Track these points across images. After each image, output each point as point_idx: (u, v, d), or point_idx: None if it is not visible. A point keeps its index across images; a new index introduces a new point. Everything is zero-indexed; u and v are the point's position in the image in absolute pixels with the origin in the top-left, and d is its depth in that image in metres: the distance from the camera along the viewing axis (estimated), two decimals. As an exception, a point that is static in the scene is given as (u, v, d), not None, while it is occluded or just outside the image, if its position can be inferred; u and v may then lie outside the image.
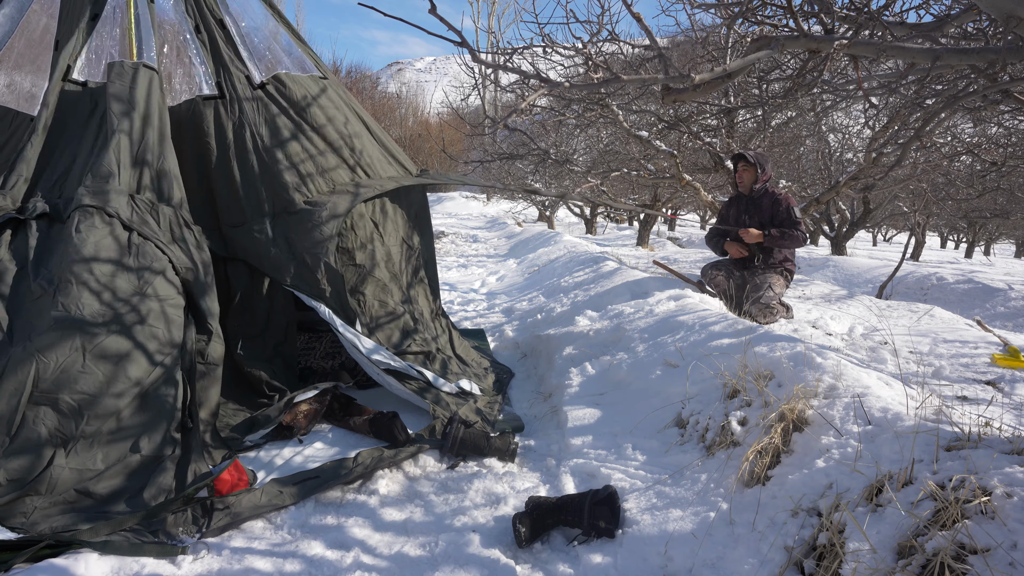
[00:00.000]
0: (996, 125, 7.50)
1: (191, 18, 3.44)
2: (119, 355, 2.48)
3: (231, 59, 3.45)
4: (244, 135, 3.38)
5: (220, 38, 3.46)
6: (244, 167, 3.36)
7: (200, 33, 3.43)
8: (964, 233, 18.86)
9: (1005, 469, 1.70)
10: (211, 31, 3.45)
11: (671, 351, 3.49)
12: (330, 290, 3.27)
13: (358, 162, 3.68)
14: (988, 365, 3.64)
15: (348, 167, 3.64)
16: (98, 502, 2.34)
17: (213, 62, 3.43)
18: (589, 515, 2.33)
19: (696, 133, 7.26)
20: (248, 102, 3.43)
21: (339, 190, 3.49)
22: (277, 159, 3.39)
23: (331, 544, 2.34)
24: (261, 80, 3.49)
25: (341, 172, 3.59)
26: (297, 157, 3.45)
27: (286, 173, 3.40)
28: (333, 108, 3.68)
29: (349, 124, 3.72)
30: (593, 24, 4.33)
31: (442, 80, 72.92)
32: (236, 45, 3.48)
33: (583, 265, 7.05)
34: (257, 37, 3.62)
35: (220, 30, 3.47)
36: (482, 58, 2.07)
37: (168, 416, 2.56)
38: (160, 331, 2.61)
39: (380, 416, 3.12)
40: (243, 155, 3.37)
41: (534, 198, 17.27)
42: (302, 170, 3.45)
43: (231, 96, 3.40)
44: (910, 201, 11.23)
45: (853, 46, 2.08)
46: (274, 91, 3.51)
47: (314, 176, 3.47)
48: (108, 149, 2.78)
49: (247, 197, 3.35)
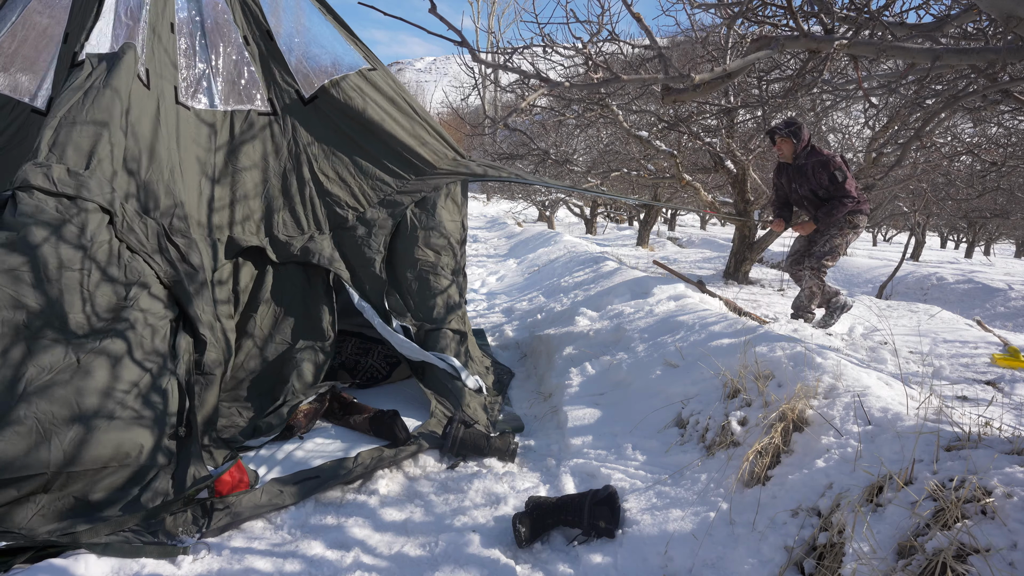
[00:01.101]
0: (996, 125, 7.50)
1: (239, 28, 3.47)
2: (110, 361, 2.48)
3: (280, 73, 3.52)
4: (297, 152, 3.51)
5: (267, 51, 3.51)
6: (301, 185, 3.51)
7: (249, 45, 3.48)
8: (964, 233, 18.86)
9: (1005, 469, 1.70)
10: (259, 44, 3.50)
11: (671, 351, 3.49)
12: (371, 294, 3.51)
13: (412, 153, 3.72)
14: (988, 365, 3.64)
15: (403, 163, 3.70)
16: (94, 507, 2.33)
17: (263, 77, 3.50)
18: (589, 515, 2.33)
19: (696, 133, 7.26)
20: (299, 120, 3.53)
21: (387, 200, 3.65)
22: (329, 175, 3.55)
23: (331, 544, 2.34)
24: (310, 94, 3.55)
25: (391, 174, 3.68)
26: (348, 170, 3.59)
27: (339, 190, 3.57)
28: (384, 100, 3.70)
29: (399, 114, 3.74)
30: (593, 24, 4.33)
31: (442, 80, 72.92)
32: (284, 57, 3.53)
33: (583, 265, 7.05)
34: (303, 43, 3.63)
35: (268, 42, 3.51)
36: (482, 58, 2.07)
37: (160, 425, 2.53)
38: (146, 341, 2.59)
39: (380, 415, 3.12)
40: (299, 173, 3.51)
41: (535, 198, 17.27)
42: (353, 185, 3.60)
43: (283, 113, 3.51)
44: (910, 201, 11.23)
45: (853, 46, 2.08)
46: (323, 104, 3.56)
47: (365, 189, 3.62)
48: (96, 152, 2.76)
49: (305, 214, 3.50)
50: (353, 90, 3.59)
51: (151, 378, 2.57)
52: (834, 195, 4.53)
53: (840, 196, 4.49)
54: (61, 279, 2.42)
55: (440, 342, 3.54)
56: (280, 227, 3.44)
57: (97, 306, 2.52)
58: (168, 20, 3.24)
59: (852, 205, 4.47)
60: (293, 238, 3.44)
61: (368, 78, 3.69)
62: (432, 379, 3.50)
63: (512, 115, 3.88)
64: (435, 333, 3.56)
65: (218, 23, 3.43)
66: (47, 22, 3.23)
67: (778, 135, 4.66)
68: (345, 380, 3.80)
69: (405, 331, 3.53)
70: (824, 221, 4.55)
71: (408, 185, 3.69)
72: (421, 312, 3.60)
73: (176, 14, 3.30)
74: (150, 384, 2.56)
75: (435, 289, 3.63)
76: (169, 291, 2.78)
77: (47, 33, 3.22)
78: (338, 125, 3.59)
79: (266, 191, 3.45)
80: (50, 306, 2.38)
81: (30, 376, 2.27)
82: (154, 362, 2.60)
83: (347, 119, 3.59)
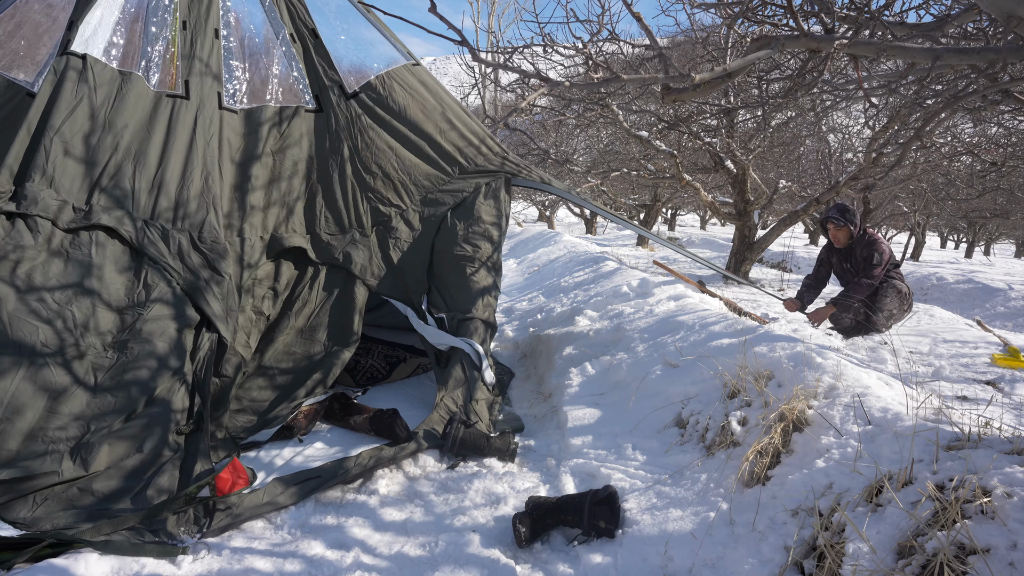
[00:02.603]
0: (996, 125, 7.50)
1: (286, 26, 3.47)
2: (119, 371, 2.57)
3: (324, 70, 3.51)
4: (341, 149, 3.50)
5: (314, 48, 3.51)
6: (343, 182, 3.50)
7: (295, 43, 3.49)
8: (964, 233, 18.86)
9: (1005, 469, 1.70)
10: (304, 41, 3.50)
11: (671, 351, 3.49)
12: (414, 296, 3.58)
13: (456, 148, 3.72)
14: (988, 365, 3.64)
15: (445, 161, 3.70)
16: (99, 499, 2.35)
17: (308, 74, 3.50)
18: (589, 515, 2.33)
19: (696, 133, 7.27)
20: (344, 116, 3.52)
21: (429, 198, 3.65)
22: (373, 172, 3.54)
23: (331, 544, 2.34)
24: (354, 90, 3.55)
25: (434, 171, 3.67)
26: (391, 167, 3.58)
27: (382, 187, 3.56)
28: (426, 95, 3.70)
29: (440, 111, 3.74)
30: (593, 24, 4.32)
31: (442, 80, 72.70)
32: (329, 55, 3.53)
33: (583, 265, 7.05)
34: (347, 40, 3.64)
35: (314, 39, 3.51)
36: (482, 58, 2.07)
37: (167, 422, 2.57)
38: (162, 345, 2.67)
39: (380, 414, 3.12)
40: (342, 170, 3.50)
41: (535, 198, 17.26)
42: (396, 182, 3.59)
43: (327, 109, 3.50)
44: (910, 201, 11.23)
45: (853, 46, 2.08)
46: (367, 99, 3.56)
47: (408, 186, 3.62)
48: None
49: (347, 211, 3.50)
50: (397, 85, 3.61)
51: (162, 381, 2.62)
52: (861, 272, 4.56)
53: (863, 275, 4.50)
54: (72, 302, 2.57)
55: (471, 331, 3.57)
56: (322, 225, 3.44)
57: (107, 322, 2.64)
58: (212, 26, 3.26)
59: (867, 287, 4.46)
60: (335, 236, 3.44)
61: (413, 72, 3.70)
62: (453, 369, 3.47)
63: (512, 115, 3.89)
64: (466, 323, 3.58)
65: (265, 22, 3.46)
66: (40, 18, 3.20)
67: (833, 223, 4.64)
68: (345, 380, 3.80)
69: (439, 322, 3.57)
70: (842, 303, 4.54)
71: (451, 182, 3.69)
72: (456, 302, 3.62)
73: (221, 18, 3.32)
74: (166, 385, 2.64)
75: (471, 280, 3.65)
76: (189, 297, 2.84)
77: (51, 15, 3.18)
78: (383, 119, 3.59)
79: (308, 188, 3.46)
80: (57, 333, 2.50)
81: None
82: (167, 367, 2.66)
83: (390, 115, 3.59)
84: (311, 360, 3.29)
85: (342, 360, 3.30)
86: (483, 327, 3.61)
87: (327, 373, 3.22)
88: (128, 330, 2.65)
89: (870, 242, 4.59)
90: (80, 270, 2.64)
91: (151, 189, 2.94)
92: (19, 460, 2.28)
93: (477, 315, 3.60)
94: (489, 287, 3.71)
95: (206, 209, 3.03)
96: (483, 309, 3.64)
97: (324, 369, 3.23)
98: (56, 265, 2.61)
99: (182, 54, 3.16)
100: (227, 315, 2.92)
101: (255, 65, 3.42)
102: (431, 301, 3.60)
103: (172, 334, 2.72)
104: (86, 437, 2.40)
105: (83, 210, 2.74)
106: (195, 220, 2.99)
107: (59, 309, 2.53)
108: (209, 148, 3.12)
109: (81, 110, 2.85)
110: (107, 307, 2.65)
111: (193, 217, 2.99)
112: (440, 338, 3.50)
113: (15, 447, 2.28)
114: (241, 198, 3.21)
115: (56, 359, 2.46)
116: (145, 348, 2.63)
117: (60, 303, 2.54)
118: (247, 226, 3.20)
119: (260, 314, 3.19)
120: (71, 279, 2.62)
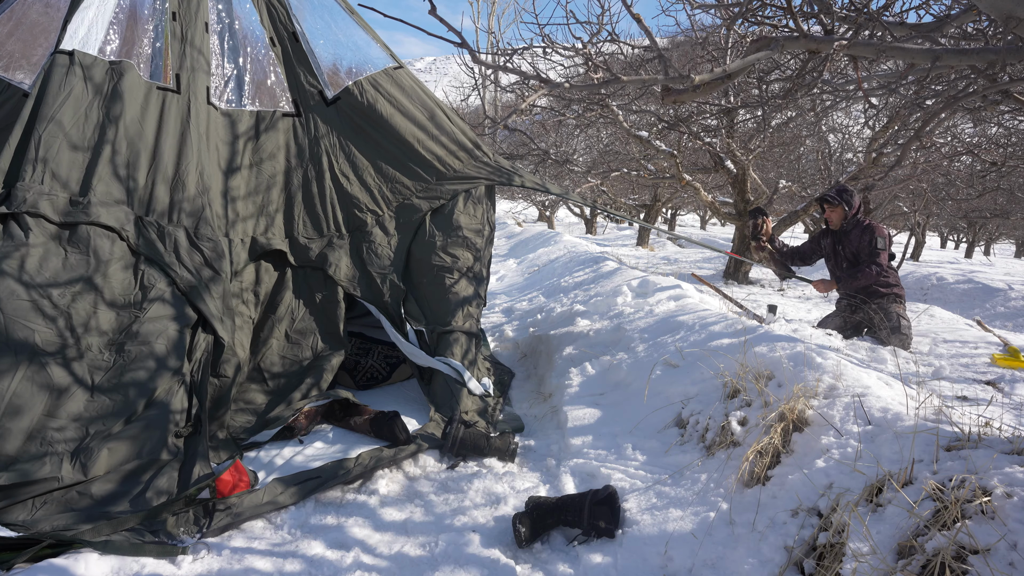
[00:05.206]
0: (996, 125, 7.50)
1: (266, 30, 3.47)
2: (118, 374, 2.57)
3: (304, 75, 3.51)
4: (319, 154, 3.50)
5: (293, 52, 3.50)
6: (321, 186, 3.50)
7: (275, 47, 3.48)
8: (964, 233, 18.86)
9: (1005, 469, 1.70)
10: (285, 45, 3.50)
11: (671, 351, 3.49)
12: (391, 303, 3.53)
13: (434, 155, 3.70)
14: (988, 365, 3.65)
15: (423, 168, 3.68)
16: (98, 502, 2.35)
17: (288, 78, 3.50)
18: (589, 515, 2.33)
19: (696, 133, 7.27)
20: (322, 121, 3.52)
21: (405, 204, 3.64)
22: (350, 178, 3.54)
23: (331, 544, 2.34)
24: (334, 95, 3.54)
25: (412, 177, 3.66)
26: (368, 173, 3.57)
27: (358, 192, 3.55)
28: (407, 100, 3.68)
29: (422, 115, 3.71)
30: (593, 24, 4.32)
31: (442, 80, 72.89)
32: (308, 59, 3.52)
33: (583, 265, 7.05)
34: (327, 44, 3.62)
35: (293, 43, 3.51)
36: (482, 58, 2.08)
37: (166, 424, 2.57)
38: (161, 346, 2.67)
39: (380, 416, 3.12)
40: (320, 174, 3.49)
41: (535, 198, 17.26)
42: (373, 188, 3.58)
43: (306, 114, 3.50)
44: (910, 201, 11.23)
45: (853, 46, 2.08)
46: (346, 106, 3.56)
47: (384, 192, 3.61)
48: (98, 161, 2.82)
49: (325, 216, 3.49)
50: (376, 90, 3.59)
51: (161, 383, 2.62)
52: (864, 259, 4.51)
53: (869, 262, 4.45)
54: (72, 304, 2.55)
55: (451, 345, 3.53)
56: (300, 229, 3.44)
57: (106, 322, 2.62)
58: (202, 20, 3.25)
59: (876, 274, 4.41)
60: (312, 240, 3.44)
61: (393, 77, 3.68)
62: (437, 384, 3.48)
63: (512, 115, 3.88)
64: (447, 336, 3.55)
65: (245, 24, 3.45)
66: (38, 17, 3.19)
67: (827, 203, 4.62)
68: (345, 381, 3.80)
69: (419, 335, 3.53)
70: (846, 284, 4.51)
71: (428, 189, 3.67)
72: (435, 315, 3.59)
73: (208, 14, 3.32)
74: (165, 387, 2.64)
75: (450, 291, 3.62)
76: (186, 296, 2.83)
77: (49, 15, 3.18)
78: (360, 126, 3.59)
79: (287, 192, 3.45)
80: (60, 333, 2.50)
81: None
82: (166, 368, 2.65)
83: (369, 120, 3.58)
84: (301, 365, 3.31)
85: (332, 366, 3.30)
86: (465, 338, 3.59)
87: (319, 378, 3.22)
88: (126, 331, 2.64)
89: (868, 227, 4.53)
90: (82, 268, 2.63)
91: (148, 180, 2.92)
92: (18, 463, 2.27)
93: (457, 327, 3.56)
94: (470, 297, 3.67)
95: (202, 204, 3.01)
96: (463, 320, 3.61)
97: (315, 374, 3.24)
98: (54, 262, 2.58)
99: (172, 49, 3.14)
100: (224, 315, 2.92)
101: (235, 66, 3.41)
102: (408, 311, 3.55)
103: (172, 334, 2.71)
104: (85, 441, 2.39)
105: (80, 202, 2.71)
106: (192, 214, 2.97)
107: (60, 308, 2.52)
108: (203, 142, 3.11)
109: (71, 101, 2.82)
110: (108, 306, 2.64)
111: (190, 211, 2.97)
112: (419, 358, 3.47)
113: (14, 449, 2.27)
114: (222, 198, 3.21)
115: (56, 358, 2.45)
116: (144, 349, 2.62)
117: (59, 303, 2.53)
118: (231, 230, 3.21)
119: (242, 316, 3.19)
120: (73, 276, 2.60)
